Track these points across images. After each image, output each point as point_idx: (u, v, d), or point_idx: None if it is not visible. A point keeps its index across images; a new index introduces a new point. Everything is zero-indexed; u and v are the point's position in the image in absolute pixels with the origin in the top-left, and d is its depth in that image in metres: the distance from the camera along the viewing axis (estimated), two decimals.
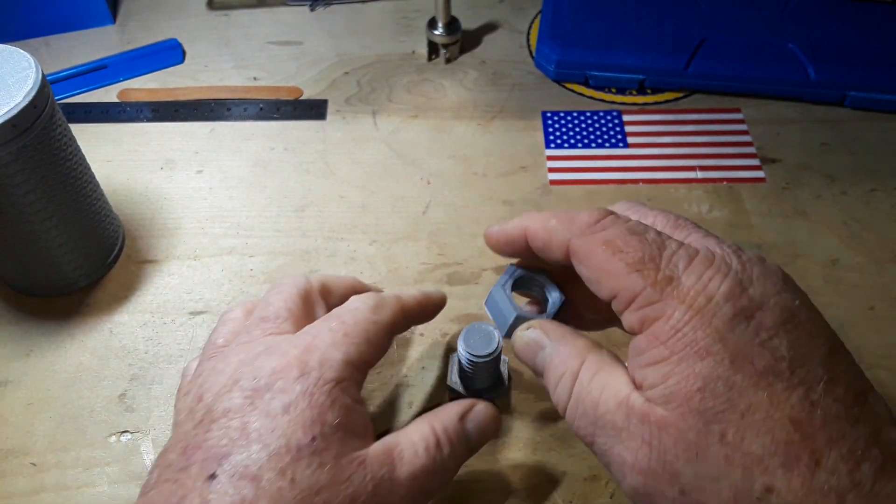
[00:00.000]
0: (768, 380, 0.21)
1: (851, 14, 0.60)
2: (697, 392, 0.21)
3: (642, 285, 0.23)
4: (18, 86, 0.37)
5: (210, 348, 0.32)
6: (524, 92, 0.59)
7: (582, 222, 0.26)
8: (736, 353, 0.21)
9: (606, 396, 0.24)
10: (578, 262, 0.26)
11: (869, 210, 0.50)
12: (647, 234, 0.24)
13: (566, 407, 0.26)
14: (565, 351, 0.27)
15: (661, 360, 0.23)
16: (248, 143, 0.56)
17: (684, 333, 0.22)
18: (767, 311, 0.22)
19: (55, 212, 0.41)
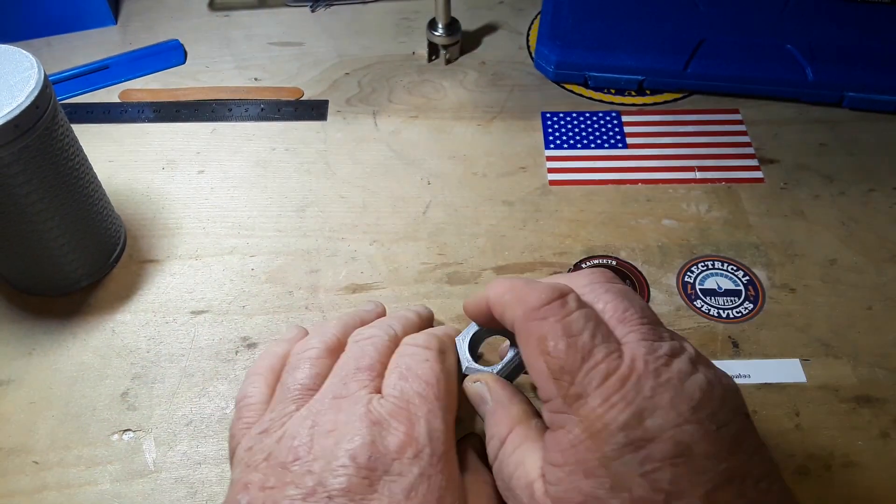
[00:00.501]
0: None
1: (849, 15, 0.60)
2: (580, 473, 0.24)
3: (555, 394, 0.25)
4: (20, 86, 0.38)
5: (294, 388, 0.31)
6: (524, 93, 0.60)
7: (529, 304, 0.27)
8: (616, 481, 0.23)
9: (519, 474, 0.26)
10: (519, 343, 0.28)
11: (867, 210, 0.50)
12: (581, 335, 0.25)
13: (492, 465, 0.29)
14: (500, 414, 0.29)
15: (558, 465, 0.25)
16: (249, 144, 0.56)
17: (577, 451, 0.24)
18: (659, 443, 0.23)
19: (57, 212, 0.42)
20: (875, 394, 0.40)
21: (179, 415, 0.40)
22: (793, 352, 0.42)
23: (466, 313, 0.33)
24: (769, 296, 0.45)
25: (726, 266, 0.47)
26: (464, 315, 0.45)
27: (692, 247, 0.48)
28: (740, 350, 0.42)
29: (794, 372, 0.41)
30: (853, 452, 0.38)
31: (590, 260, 0.47)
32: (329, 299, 0.46)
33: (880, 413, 0.39)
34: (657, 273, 0.46)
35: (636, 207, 0.50)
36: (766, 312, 0.44)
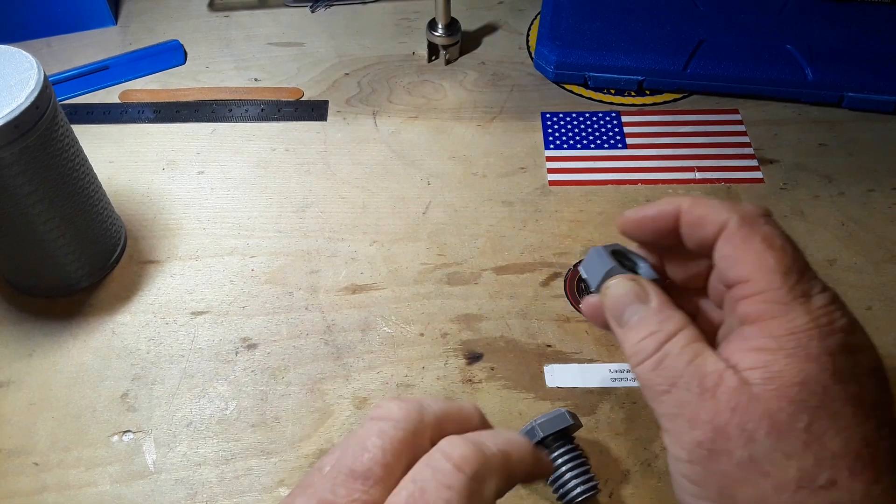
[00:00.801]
0: (855, 403, 0.24)
1: (848, 15, 0.60)
2: (797, 384, 0.24)
3: (780, 285, 0.25)
4: (21, 87, 0.38)
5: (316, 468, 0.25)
6: (523, 93, 0.60)
7: (749, 210, 0.28)
8: (837, 371, 0.24)
9: (700, 361, 0.26)
10: (727, 240, 0.27)
11: (866, 210, 0.50)
12: (798, 251, 0.27)
13: (645, 359, 0.27)
14: (667, 312, 0.28)
15: (768, 349, 0.25)
16: (249, 144, 0.56)
17: (798, 338, 0.24)
18: (864, 355, 0.25)
19: (57, 212, 0.42)
20: None
21: (179, 416, 0.40)
22: None
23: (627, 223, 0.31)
24: None
25: None
26: (463, 315, 0.45)
27: None
28: None
29: None
30: None
31: None
32: (329, 300, 0.46)
33: None
34: None
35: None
36: None
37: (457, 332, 0.44)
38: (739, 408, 0.24)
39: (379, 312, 0.45)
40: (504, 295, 0.46)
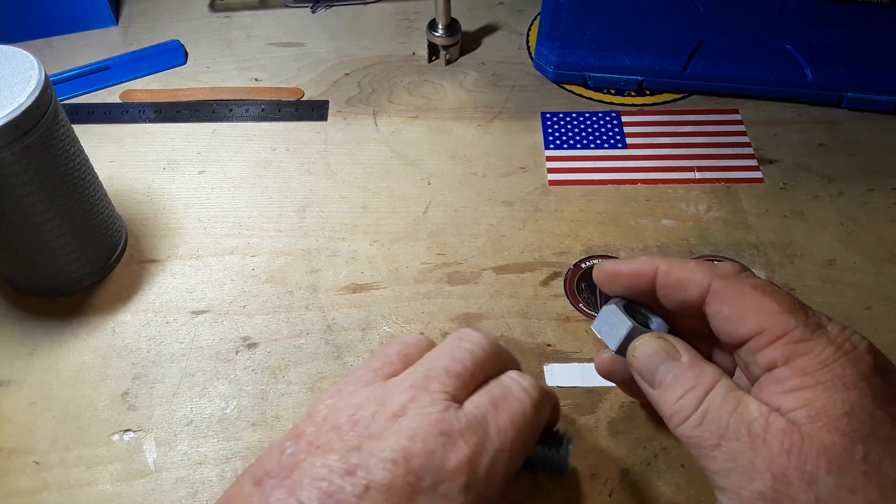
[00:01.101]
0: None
1: (848, 15, 0.60)
2: (844, 416, 0.24)
3: (795, 324, 0.26)
4: (21, 87, 0.38)
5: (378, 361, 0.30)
6: (523, 93, 0.60)
7: (726, 268, 0.29)
8: (877, 394, 0.24)
9: (744, 408, 0.26)
10: (720, 301, 0.28)
11: (866, 210, 0.50)
12: (786, 292, 0.27)
13: (688, 416, 0.27)
14: (700, 366, 0.28)
15: (806, 387, 0.25)
16: (249, 144, 0.56)
17: (832, 368, 0.24)
18: (893, 374, 0.25)
19: (58, 212, 0.42)
20: None
21: (180, 415, 0.41)
22: None
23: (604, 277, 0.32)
24: None
25: None
26: (464, 315, 0.45)
27: (691, 247, 0.48)
28: None
29: None
30: None
31: (589, 260, 0.47)
32: (329, 299, 0.46)
33: None
34: None
35: (636, 207, 0.51)
36: None
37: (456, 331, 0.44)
38: (794, 449, 0.24)
39: (379, 312, 0.45)
40: (504, 294, 0.46)
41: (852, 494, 0.23)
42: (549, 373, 0.42)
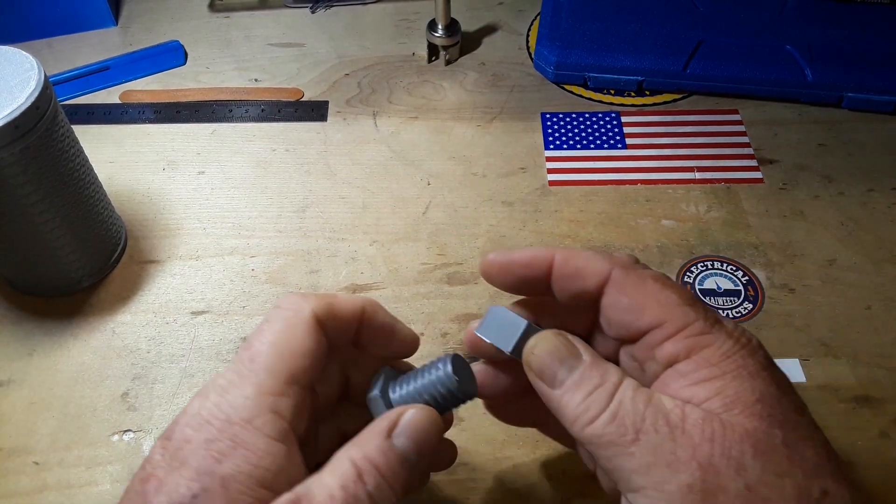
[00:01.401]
0: (802, 411, 0.24)
1: (848, 16, 0.60)
2: (757, 402, 0.24)
3: (695, 317, 0.25)
4: (21, 87, 0.38)
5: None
6: (523, 93, 0.60)
7: (624, 258, 0.28)
8: (778, 384, 0.24)
9: (657, 401, 0.25)
10: (620, 290, 0.27)
11: (866, 210, 0.50)
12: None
13: (598, 414, 0.25)
14: (603, 366, 0.26)
15: (714, 377, 0.24)
16: (249, 145, 0.56)
17: (735, 359, 0.24)
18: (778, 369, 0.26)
19: (58, 212, 0.42)
20: (874, 394, 0.40)
21: None
22: (792, 352, 0.42)
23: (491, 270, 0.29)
24: (768, 296, 0.45)
25: (725, 266, 0.47)
26: (464, 315, 0.45)
27: (691, 247, 0.48)
28: None
29: (794, 372, 0.41)
30: (852, 452, 0.38)
31: None
32: None
33: (879, 413, 0.39)
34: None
35: (635, 208, 0.51)
36: (766, 312, 0.44)
37: (457, 332, 0.44)
38: (717, 437, 0.23)
39: None
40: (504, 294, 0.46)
41: (780, 479, 0.22)
42: None
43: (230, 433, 0.24)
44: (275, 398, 0.25)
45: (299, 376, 0.26)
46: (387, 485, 0.25)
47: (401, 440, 0.26)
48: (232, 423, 0.25)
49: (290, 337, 0.27)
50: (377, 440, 0.26)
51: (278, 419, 0.25)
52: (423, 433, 0.27)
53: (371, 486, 0.25)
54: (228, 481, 0.23)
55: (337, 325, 0.28)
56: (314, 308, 0.27)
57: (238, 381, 0.26)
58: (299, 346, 0.26)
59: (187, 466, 0.24)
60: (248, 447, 0.24)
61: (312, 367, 0.27)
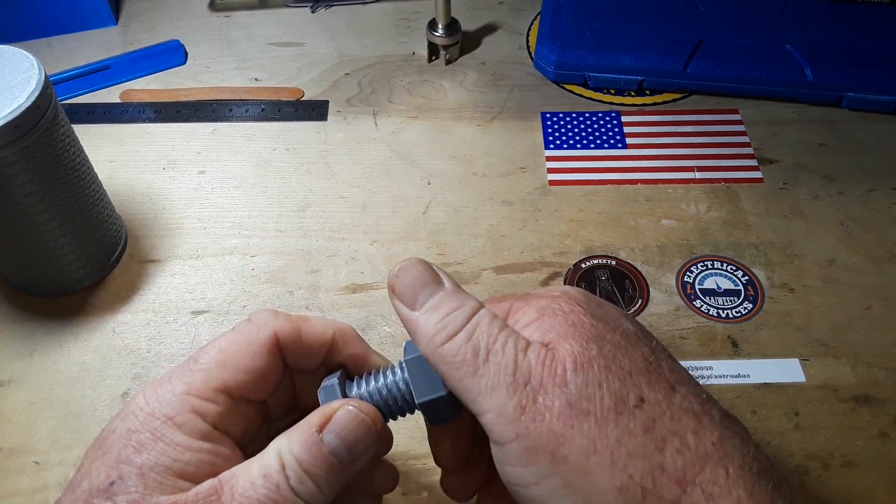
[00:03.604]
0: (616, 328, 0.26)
1: (848, 16, 0.60)
2: (571, 327, 0.25)
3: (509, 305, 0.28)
4: (21, 87, 0.38)
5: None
6: (523, 93, 0.60)
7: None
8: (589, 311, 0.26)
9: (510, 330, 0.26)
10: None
11: (866, 210, 0.50)
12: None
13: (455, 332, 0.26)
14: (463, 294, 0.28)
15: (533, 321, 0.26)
16: (249, 144, 0.56)
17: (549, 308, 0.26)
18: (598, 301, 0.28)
19: (58, 212, 0.42)
20: (874, 394, 0.40)
21: None
22: (792, 352, 0.42)
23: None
24: (768, 296, 0.45)
25: (726, 266, 0.47)
26: None
27: (691, 247, 0.48)
28: (740, 350, 0.43)
29: (794, 372, 0.41)
30: (852, 452, 0.38)
31: (589, 260, 0.47)
32: (329, 299, 0.46)
33: (879, 413, 0.39)
34: (656, 273, 0.46)
35: (636, 207, 0.51)
36: (766, 312, 0.44)
37: None
38: (547, 360, 0.24)
39: (379, 312, 0.45)
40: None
41: (598, 388, 0.24)
42: None
43: (151, 426, 0.25)
44: (200, 401, 0.26)
45: (233, 389, 0.27)
46: (310, 481, 0.25)
47: (330, 437, 0.26)
48: (154, 417, 0.25)
49: (240, 351, 0.27)
50: (305, 434, 0.26)
51: (199, 420, 0.26)
52: (354, 434, 0.26)
53: (294, 480, 0.25)
54: (146, 471, 0.24)
55: (301, 350, 0.29)
56: (279, 329, 0.28)
57: (173, 378, 0.27)
58: (245, 362, 0.27)
59: (109, 454, 0.25)
60: (166, 441, 0.25)
61: (254, 385, 0.27)
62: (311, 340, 0.29)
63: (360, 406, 0.27)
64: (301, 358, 0.29)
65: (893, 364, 0.41)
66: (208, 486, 0.24)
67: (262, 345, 0.28)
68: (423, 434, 0.39)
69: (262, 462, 0.25)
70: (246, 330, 0.28)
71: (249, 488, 0.24)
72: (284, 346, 0.28)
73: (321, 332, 0.29)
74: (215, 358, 0.27)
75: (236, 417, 0.27)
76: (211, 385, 0.26)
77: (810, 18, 0.60)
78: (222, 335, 0.28)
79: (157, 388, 0.26)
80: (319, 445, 0.26)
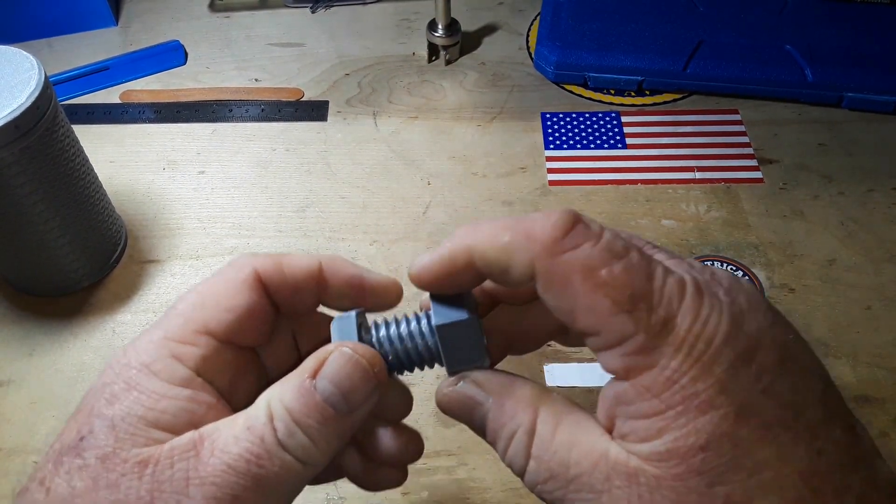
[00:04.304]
0: (775, 432, 0.19)
1: (848, 16, 0.60)
2: (700, 450, 0.19)
3: (633, 330, 0.20)
4: (21, 87, 0.38)
5: None
6: (523, 93, 0.60)
7: (546, 237, 0.21)
8: (741, 405, 0.19)
9: (578, 455, 0.21)
10: (546, 289, 0.21)
11: (866, 210, 0.50)
12: (630, 254, 0.20)
13: (524, 469, 0.22)
14: (510, 404, 0.23)
15: (655, 413, 0.20)
16: (249, 144, 0.56)
17: (682, 385, 0.19)
18: (765, 350, 0.20)
19: (58, 212, 0.42)
20: (874, 394, 0.40)
21: None
22: None
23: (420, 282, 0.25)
24: (768, 296, 0.45)
25: (726, 266, 0.47)
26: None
27: (691, 247, 0.48)
28: None
29: None
30: None
31: None
32: None
33: (879, 413, 0.39)
34: None
35: (635, 207, 0.51)
36: None
37: None
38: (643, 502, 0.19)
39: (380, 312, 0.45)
40: None
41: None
42: (549, 372, 0.42)
43: (126, 376, 0.23)
44: (179, 345, 0.24)
45: (214, 328, 0.24)
46: (302, 433, 0.22)
47: (324, 383, 0.23)
48: (129, 367, 0.23)
49: (220, 291, 0.25)
50: (297, 380, 0.23)
51: (178, 365, 0.23)
52: (350, 379, 0.23)
53: (282, 432, 0.22)
54: (117, 422, 0.22)
55: (288, 284, 0.25)
56: (258, 266, 0.25)
57: (152, 328, 0.24)
58: (225, 300, 0.24)
59: (83, 410, 0.23)
60: (141, 390, 0.23)
61: (238, 325, 0.24)
62: (295, 272, 0.26)
63: (356, 347, 0.24)
64: (289, 295, 0.26)
65: (893, 364, 0.41)
66: (187, 440, 0.22)
67: (242, 281, 0.25)
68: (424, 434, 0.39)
69: (248, 413, 0.22)
70: (223, 271, 0.25)
71: (231, 443, 0.21)
72: (268, 281, 0.25)
73: (306, 264, 0.26)
74: (193, 300, 0.24)
75: (222, 364, 0.24)
76: (191, 327, 0.24)
77: (810, 18, 0.60)
78: (197, 283, 0.25)
79: (136, 340, 0.24)
80: (312, 392, 0.22)
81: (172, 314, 0.24)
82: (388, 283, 0.28)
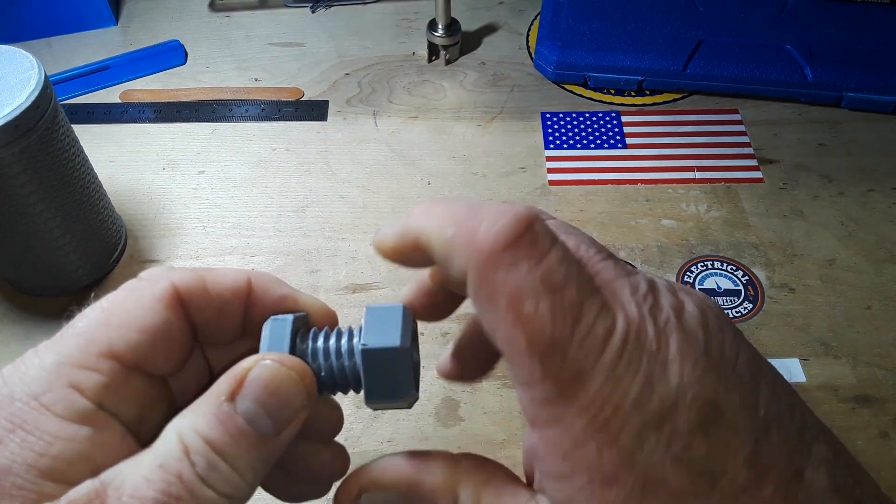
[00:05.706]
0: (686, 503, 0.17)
1: (848, 16, 0.60)
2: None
3: (542, 376, 0.18)
4: (21, 87, 0.38)
5: None
6: (523, 93, 0.60)
7: (486, 245, 0.18)
8: (647, 478, 0.17)
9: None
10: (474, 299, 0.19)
11: (866, 210, 0.50)
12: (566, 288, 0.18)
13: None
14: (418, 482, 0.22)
15: (562, 477, 0.18)
16: (249, 144, 0.56)
17: (588, 452, 0.18)
18: (682, 411, 0.17)
19: (58, 212, 0.42)
20: (874, 393, 0.40)
21: None
22: (792, 351, 0.42)
23: (384, 254, 0.23)
24: (768, 296, 0.45)
25: (726, 266, 0.47)
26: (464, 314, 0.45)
27: (691, 247, 0.48)
28: None
29: (794, 372, 0.41)
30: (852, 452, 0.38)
31: None
32: (329, 299, 0.46)
33: (879, 413, 0.39)
34: (657, 273, 0.46)
35: (636, 207, 0.51)
36: (766, 312, 0.44)
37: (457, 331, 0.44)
38: None
39: None
40: None
41: None
42: None
43: (9, 411, 0.19)
44: (77, 370, 0.20)
45: (123, 353, 0.20)
46: (225, 464, 0.19)
47: (246, 404, 0.20)
48: (14, 399, 0.19)
49: (129, 307, 0.21)
50: (213, 405, 0.20)
51: (76, 396, 0.19)
52: (276, 395, 0.20)
53: (201, 466, 0.19)
54: (3, 474, 0.18)
55: (212, 302, 0.22)
56: (177, 281, 0.22)
57: (42, 350, 0.20)
58: (135, 318, 0.21)
59: None
60: (28, 429, 0.19)
61: (150, 348, 0.21)
62: (221, 289, 0.22)
63: (283, 359, 0.21)
64: (213, 316, 0.22)
65: (893, 364, 0.41)
66: (86, 491, 0.18)
67: (157, 298, 0.21)
68: (423, 434, 0.39)
69: (157, 450, 0.19)
70: (134, 286, 0.22)
71: (143, 486, 0.18)
72: (188, 299, 0.22)
73: (233, 279, 0.23)
74: (96, 318, 0.21)
75: (129, 394, 0.20)
76: (93, 350, 0.20)
77: (810, 18, 0.60)
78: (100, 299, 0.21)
79: (20, 363, 0.20)
80: (232, 416, 0.19)
81: (69, 333, 0.20)
82: (322, 309, 0.25)
